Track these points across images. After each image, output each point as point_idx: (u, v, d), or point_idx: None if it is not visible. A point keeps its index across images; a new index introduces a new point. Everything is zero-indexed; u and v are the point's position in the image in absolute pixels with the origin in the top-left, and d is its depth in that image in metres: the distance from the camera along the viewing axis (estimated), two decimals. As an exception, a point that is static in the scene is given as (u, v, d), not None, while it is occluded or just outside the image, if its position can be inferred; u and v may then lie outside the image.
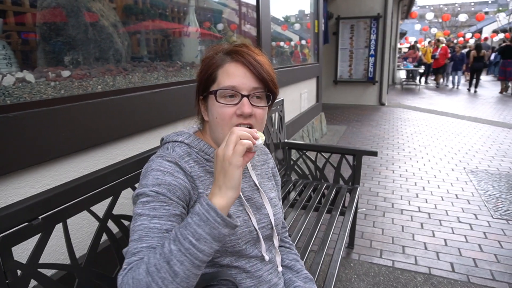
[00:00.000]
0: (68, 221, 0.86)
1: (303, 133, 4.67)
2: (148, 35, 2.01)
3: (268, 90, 0.87)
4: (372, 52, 8.52)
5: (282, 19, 4.86)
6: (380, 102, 8.86)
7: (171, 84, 1.77)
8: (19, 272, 0.73)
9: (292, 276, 1.06)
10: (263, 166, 1.07)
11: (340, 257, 1.57)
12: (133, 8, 1.94)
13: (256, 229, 0.91)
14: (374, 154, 2.29)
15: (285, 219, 1.97)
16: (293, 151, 2.59)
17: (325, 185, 2.43)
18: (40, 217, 0.77)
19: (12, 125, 1.04)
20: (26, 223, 0.74)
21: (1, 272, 0.69)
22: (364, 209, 3.11)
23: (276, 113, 2.42)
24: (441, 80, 13.67)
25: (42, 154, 1.13)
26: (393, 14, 11.01)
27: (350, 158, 2.40)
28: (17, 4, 1.34)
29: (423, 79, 14.58)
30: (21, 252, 0.98)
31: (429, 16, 22.33)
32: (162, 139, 0.95)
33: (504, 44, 11.68)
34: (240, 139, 0.70)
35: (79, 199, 0.86)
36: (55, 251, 1.16)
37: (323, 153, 2.49)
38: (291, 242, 1.17)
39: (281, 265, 1.08)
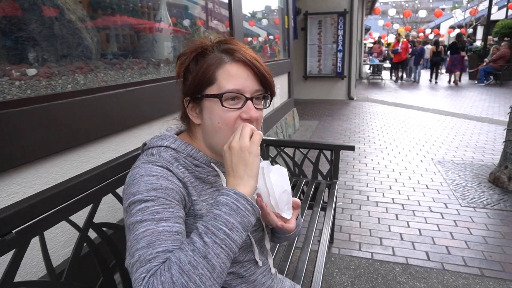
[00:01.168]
0: (45, 233, 0.78)
1: (277, 129, 4.67)
2: (118, 31, 1.91)
3: (268, 91, 0.83)
4: (340, 47, 8.67)
5: (249, 15, 4.82)
6: (349, 97, 9.05)
7: (145, 82, 1.69)
8: (-8, 294, 0.65)
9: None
10: None
11: (325, 252, 1.57)
12: (101, 2, 1.84)
13: (248, 234, 0.88)
14: (352, 148, 2.31)
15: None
16: (271, 148, 2.57)
17: (304, 181, 2.43)
18: (14, 231, 0.69)
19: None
20: (-2, 239, 0.67)
21: (-28, 296, 0.61)
22: (341, 203, 3.15)
23: (253, 110, 2.39)
24: (403, 75, 14.03)
25: (7, 160, 1.04)
26: (358, 10, 11.27)
27: (328, 153, 2.41)
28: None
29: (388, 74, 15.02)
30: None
31: (392, 12, 23.11)
32: (145, 144, 0.86)
33: (452, 42, 12.56)
34: None
35: (56, 208, 0.79)
36: (29, 264, 1.07)
37: (301, 149, 2.49)
38: None
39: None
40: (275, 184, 0.77)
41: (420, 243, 2.50)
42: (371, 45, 18.65)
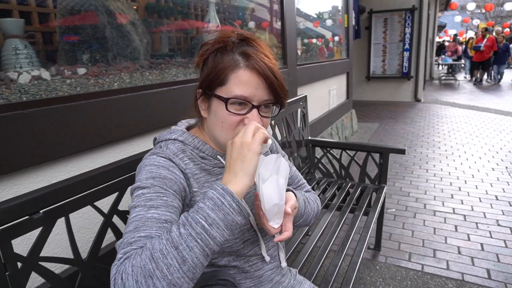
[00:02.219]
0: (72, 216, 0.86)
1: (331, 131, 4.56)
2: (167, 32, 2.02)
3: (277, 101, 0.83)
4: (407, 46, 8.17)
5: (315, 16, 4.76)
6: (415, 98, 8.50)
7: (188, 81, 1.77)
8: (19, 264, 0.74)
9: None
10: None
11: (360, 259, 1.50)
12: (155, 6, 1.96)
13: (254, 227, 0.87)
14: (402, 152, 2.18)
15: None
16: (317, 148, 2.52)
17: (350, 184, 2.35)
18: (41, 211, 0.77)
19: (27, 121, 1.07)
20: (26, 217, 0.75)
21: (1, 264, 0.70)
22: (394, 210, 2.97)
23: (299, 110, 2.36)
24: (484, 76, 12.44)
25: (58, 149, 1.16)
26: (430, 6, 10.53)
27: (377, 156, 2.30)
28: (40, 5, 1.38)
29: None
30: (24, 245, 1.00)
31: (471, 6, 21.10)
32: (155, 139, 0.91)
33: None
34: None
35: (82, 194, 0.86)
36: (62, 246, 1.18)
37: (348, 151, 2.41)
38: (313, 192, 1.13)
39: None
40: (266, 197, 0.74)
41: (481, 259, 2.27)
42: (447, 43, 17.20)
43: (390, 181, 3.59)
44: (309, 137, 2.47)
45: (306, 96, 2.46)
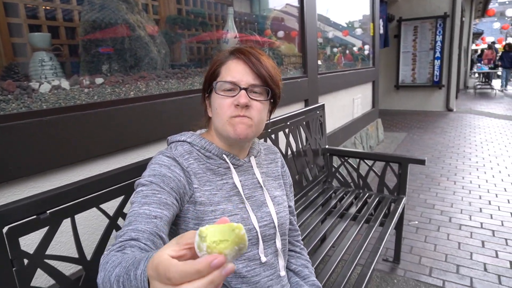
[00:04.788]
0: (78, 217, 0.91)
1: (355, 140, 4.49)
2: (186, 43, 2.09)
3: (266, 86, 0.90)
4: (438, 54, 7.94)
5: (344, 25, 4.75)
6: (447, 108, 8.20)
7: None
8: (25, 261, 0.79)
9: (300, 280, 1.02)
10: (270, 165, 1.07)
11: (370, 271, 1.46)
12: (176, 18, 2.04)
13: (255, 228, 0.89)
14: (422, 162, 2.12)
15: (320, 226, 1.90)
16: (334, 157, 2.50)
17: (367, 194, 2.30)
18: (48, 212, 0.83)
19: (46, 128, 1.14)
20: (34, 217, 0.80)
21: (8, 260, 0.75)
22: (417, 222, 2.88)
23: (316, 118, 2.36)
24: None
25: (75, 154, 1.23)
26: (464, 12, 10.19)
27: (396, 166, 2.24)
28: (65, 20, 1.48)
29: None
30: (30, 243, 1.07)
31: (510, 12, 20.22)
32: (168, 140, 0.99)
33: None
34: None
35: (88, 196, 0.91)
36: (68, 247, 1.24)
37: (366, 161, 2.37)
38: (302, 247, 1.13)
39: (289, 270, 1.04)
40: None
41: (509, 278, 2.14)
42: (479, 51, 16.46)
43: (414, 193, 3.48)
44: (327, 146, 2.45)
45: (323, 104, 2.45)
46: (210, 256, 0.37)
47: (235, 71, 0.88)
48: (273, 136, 1.84)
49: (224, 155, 0.93)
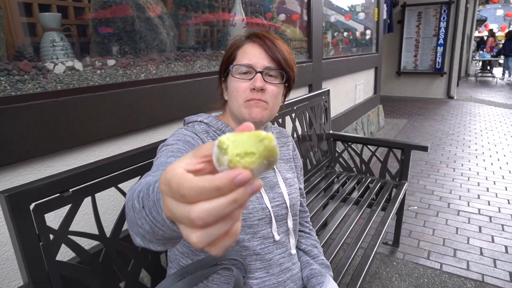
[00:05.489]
0: (98, 196, 0.94)
1: (356, 126, 4.51)
2: (194, 25, 2.09)
3: (281, 69, 0.92)
4: (441, 41, 7.88)
5: (347, 8, 4.68)
6: (448, 95, 8.21)
7: (212, 73, 1.82)
8: (51, 236, 0.82)
9: (309, 259, 1.06)
10: (282, 148, 1.11)
11: (373, 252, 1.52)
12: (182, 0, 2.03)
13: (268, 207, 0.92)
14: (424, 149, 2.15)
15: (323, 209, 1.95)
16: (338, 143, 2.53)
17: (369, 179, 2.34)
18: (70, 190, 0.86)
19: (61, 108, 1.16)
20: (57, 194, 0.83)
21: (36, 235, 0.79)
22: (416, 207, 2.94)
23: (321, 103, 2.37)
24: None
25: (88, 135, 1.25)
26: (469, -2, 10.06)
27: (398, 152, 2.28)
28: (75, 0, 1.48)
29: None
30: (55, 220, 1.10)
31: (515, -1, 19.94)
32: (184, 120, 1.02)
33: None
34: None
35: (107, 176, 0.94)
36: (89, 225, 1.28)
37: (369, 146, 2.40)
38: (311, 227, 1.17)
39: (299, 249, 1.08)
40: None
41: (504, 262, 2.21)
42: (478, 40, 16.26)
43: (414, 179, 3.53)
44: (331, 131, 2.48)
45: (328, 90, 2.47)
46: (233, 171, 0.30)
47: (251, 54, 0.91)
48: (280, 120, 1.86)
49: None
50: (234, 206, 0.30)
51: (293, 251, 1.01)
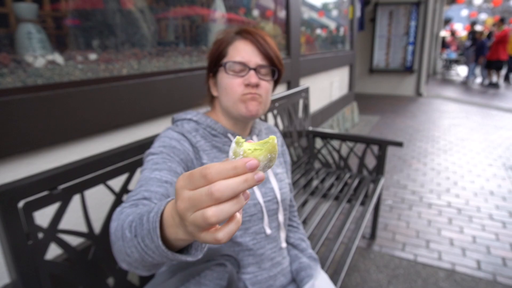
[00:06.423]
0: (87, 193, 0.92)
1: (332, 122, 4.60)
2: (174, 20, 2.06)
3: (273, 66, 0.94)
4: (411, 39, 8.16)
5: (320, 5, 4.73)
6: (417, 93, 8.52)
7: (195, 69, 1.81)
8: (39, 235, 0.80)
9: (298, 252, 1.09)
10: None
11: (354, 246, 1.57)
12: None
13: (260, 203, 0.94)
14: (400, 144, 2.23)
15: (303, 206, 1.98)
16: (317, 139, 2.57)
17: (348, 174, 2.41)
18: (59, 187, 0.83)
19: (41, 104, 1.12)
20: (47, 192, 0.81)
21: (23, 235, 0.76)
22: (391, 202, 3.04)
23: (301, 101, 2.41)
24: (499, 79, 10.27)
25: (69, 132, 1.21)
26: (437, -1, 10.44)
27: (375, 148, 2.35)
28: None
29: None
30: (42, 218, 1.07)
31: (478, 0, 20.92)
32: (173, 118, 1.01)
33: None
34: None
35: (96, 173, 0.92)
36: (78, 223, 1.25)
37: (347, 142, 2.46)
38: (299, 222, 1.19)
39: (288, 243, 1.10)
40: None
41: (472, 251, 2.34)
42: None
43: (388, 174, 3.66)
44: (310, 128, 2.52)
45: (308, 87, 2.50)
46: (247, 158, 0.38)
47: (244, 52, 0.91)
48: (262, 116, 1.88)
49: (228, 134, 0.96)
50: (245, 185, 0.37)
51: (284, 244, 1.03)
